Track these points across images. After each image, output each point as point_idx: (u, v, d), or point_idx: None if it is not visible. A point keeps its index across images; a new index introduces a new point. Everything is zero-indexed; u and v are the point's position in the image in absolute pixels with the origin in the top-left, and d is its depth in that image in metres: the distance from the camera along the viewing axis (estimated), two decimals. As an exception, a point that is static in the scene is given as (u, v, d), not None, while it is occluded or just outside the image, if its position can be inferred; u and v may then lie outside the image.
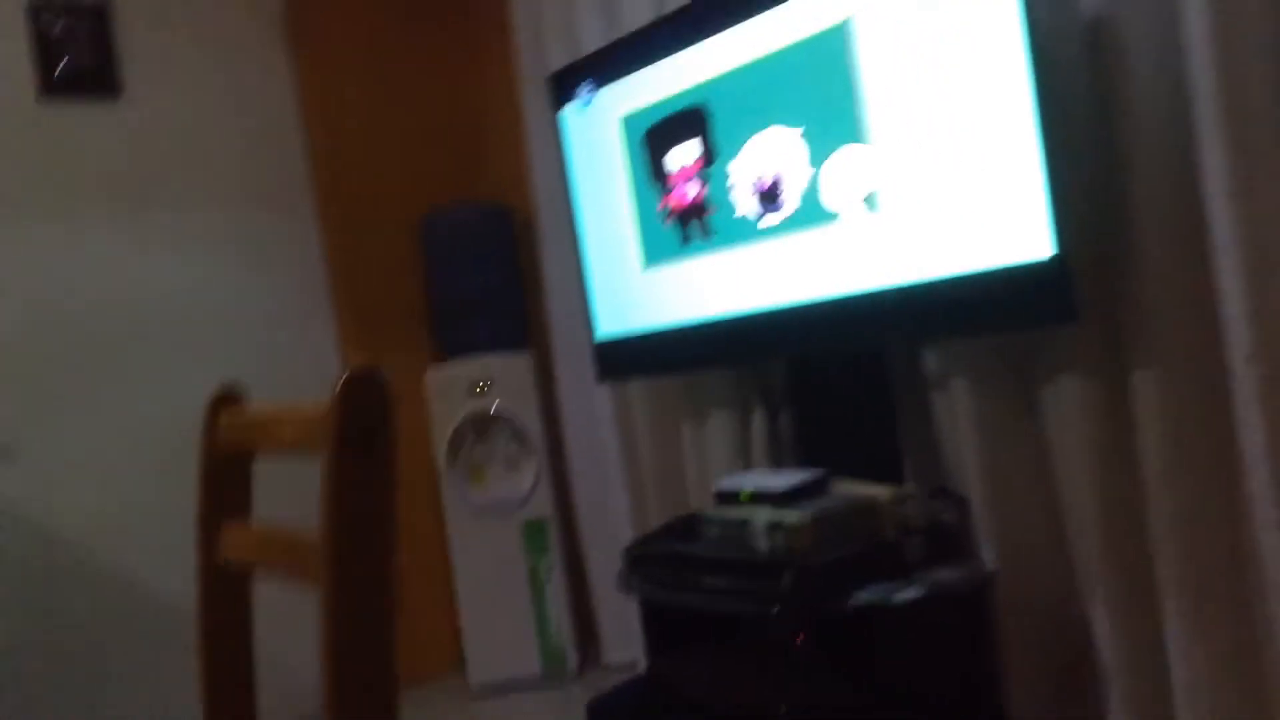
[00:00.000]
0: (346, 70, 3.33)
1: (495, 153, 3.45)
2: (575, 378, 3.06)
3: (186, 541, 2.91)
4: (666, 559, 2.14)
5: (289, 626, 1.83)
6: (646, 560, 2.19)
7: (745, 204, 2.24)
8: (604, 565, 2.98)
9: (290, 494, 1.49)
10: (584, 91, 2.57)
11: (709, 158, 2.29)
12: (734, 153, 2.24)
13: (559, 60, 2.84)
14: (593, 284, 2.67)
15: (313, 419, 0.93)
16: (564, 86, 2.65)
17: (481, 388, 3.12)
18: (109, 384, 2.88)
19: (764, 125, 2.17)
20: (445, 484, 3.14)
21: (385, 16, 3.42)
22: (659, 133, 2.41)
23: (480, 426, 3.14)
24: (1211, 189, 1.64)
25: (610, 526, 2.98)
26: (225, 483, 1.22)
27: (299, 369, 3.12)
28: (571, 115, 2.64)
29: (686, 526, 2.22)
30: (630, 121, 2.48)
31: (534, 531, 3.10)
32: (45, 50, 2.88)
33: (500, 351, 3.15)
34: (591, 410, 3.01)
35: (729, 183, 2.26)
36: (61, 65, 2.90)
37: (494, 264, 3.21)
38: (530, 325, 3.30)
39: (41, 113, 2.87)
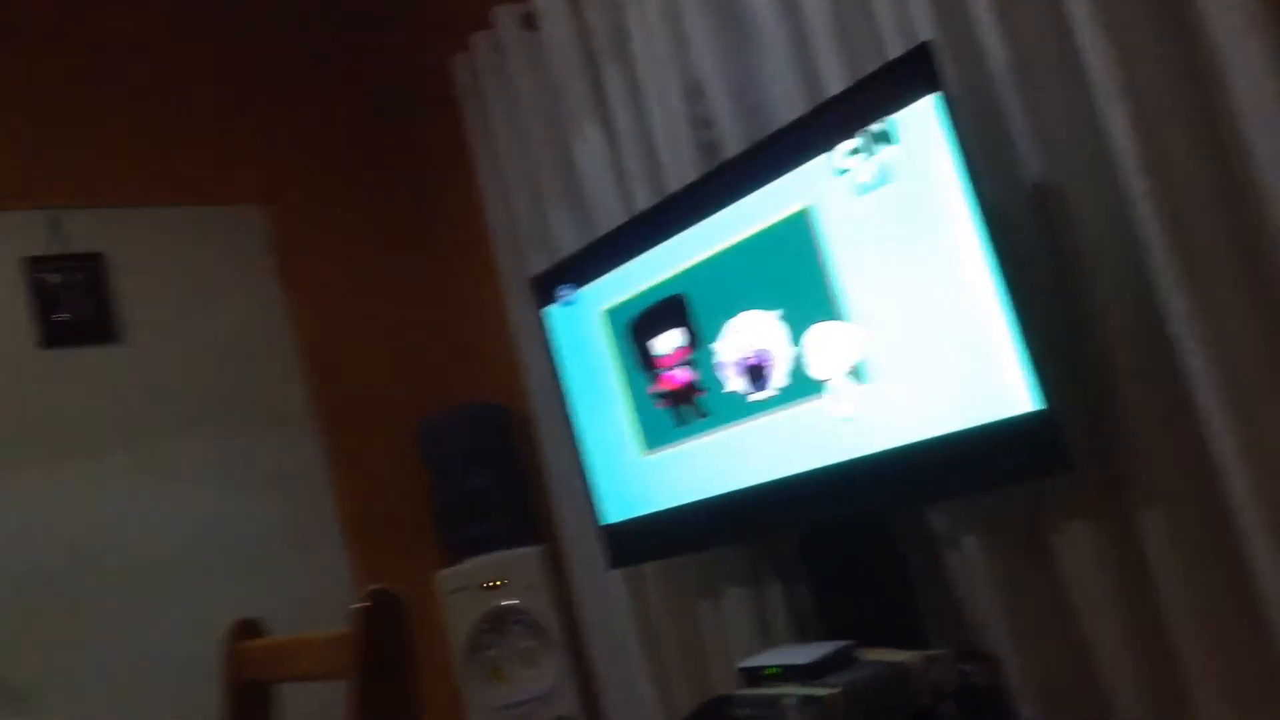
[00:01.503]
0: (335, 291, 3.46)
1: (486, 354, 3.53)
2: (586, 567, 3.05)
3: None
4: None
5: None
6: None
7: (734, 382, 2.29)
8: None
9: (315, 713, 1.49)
10: (565, 292, 2.66)
11: (693, 343, 2.36)
12: (716, 336, 2.31)
13: (539, 262, 2.95)
14: (593, 473, 2.70)
15: (331, 647, 0.96)
16: (545, 288, 2.75)
17: (493, 585, 3.11)
18: (123, 621, 2.88)
19: (741, 308, 2.25)
20: (465, 686, 3.09)
21: (368, 237, 3.57)
22: (642, 323, 2.49)
23: (496, 624, 3.12)
24: (1178, 331, 1.70)
25: (638, 715, 2.92)
26: (246, 711, 1.23)
27: (312, 586, 3.11)
28: (556, 313, 2.73)
29: (716, 710, 2.18)
30: (613, 314, 2.56)
31: (561, 729, 3.03)
32: (43, 300, 2.99)
33: (509, 547, 3.16)
34: (607, 598, 2.99)
35: (715, 362, 2.32)
36: (59, 314, 3.01)
37: (495, 462, 3.25)
38: (537, 519, 3.31)
39: (42, 361, 2.95)
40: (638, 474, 2.58)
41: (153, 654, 2.88)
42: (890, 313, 1.99)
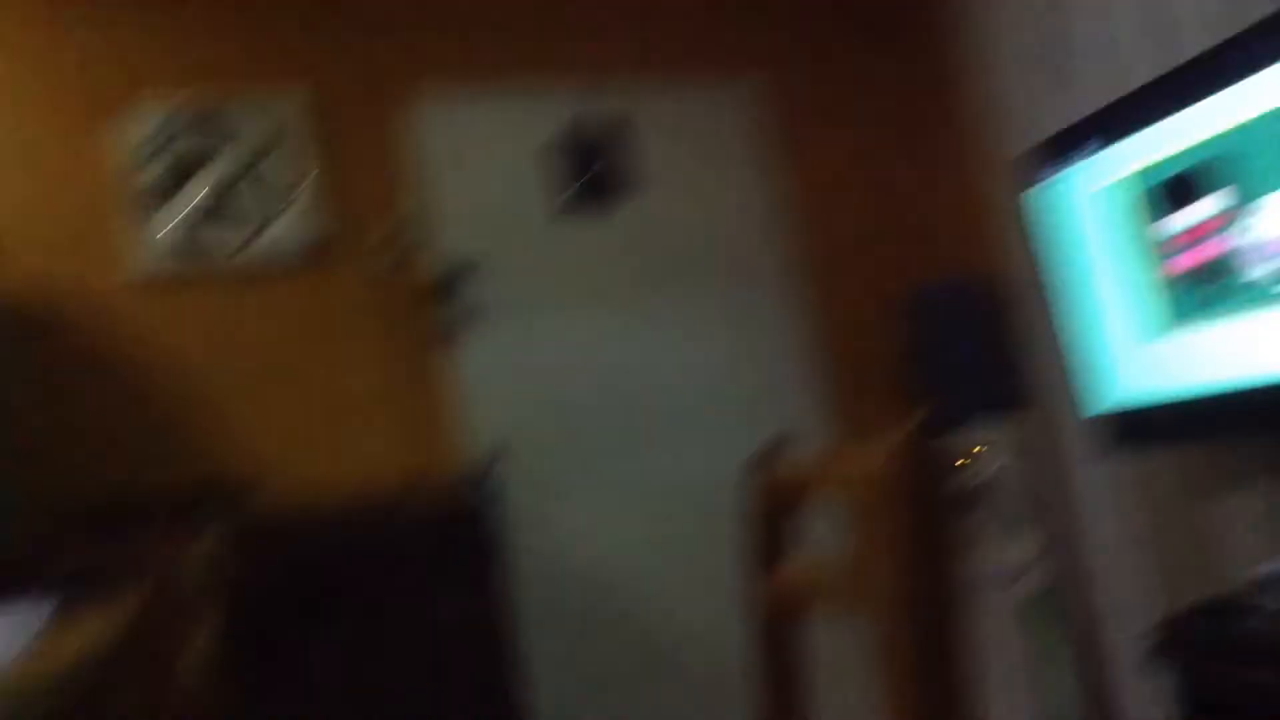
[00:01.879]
0: (829, 162, 3.53)
1: (975, 227, 3.43)
2: (1068, 447, 2.92)
3: (696, 586, 3.12)
4: (1211, 643, 1.97)
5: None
6: (1184, 643, 2.02)
7: (1268, 264, 2.04)
8: (1115, 645, 2.79)
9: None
10: (1076, 156, 2.50)
11: (1226, 217, 2.12)
12: (1255, 209, 2.05)
13: (1032, 135, 2.79)
14: (1086, 353, 2.55)
15: (865, 474, 0.99)
16: (1050, 155, 2.59)
17: (973, 458, 3.08)
18: (633, 447, 3.24)
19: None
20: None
21: (862, 110, 3.59)
22: (1164, 192, 2.28)
23: (974, 497, 3.10)
24: None
25: (1116, 604, 2.79)
26: (771, 531, 1.32)
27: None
28: (1055, 184, 2.57)
29: (1223, 607, 2.03)
30: (1128, 183, 2.36)
31: (1035, 607, 2.98)
32: (578, 158, 3.35)
33: (989, 420, 3.10)
34: (1088, 480, 2.85)
35: (1251, 240, 2.07)
36: (583, 176, 3.36)
37: (979, 334, 3.18)
38: (1018, 396, 3.21)
39: (578, 212, 3.32)
40: (1143, 356, 2.40)
41: (649, 483, 3.23)
42: None
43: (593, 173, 3.34)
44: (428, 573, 2.42)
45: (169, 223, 2.94)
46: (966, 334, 3.20)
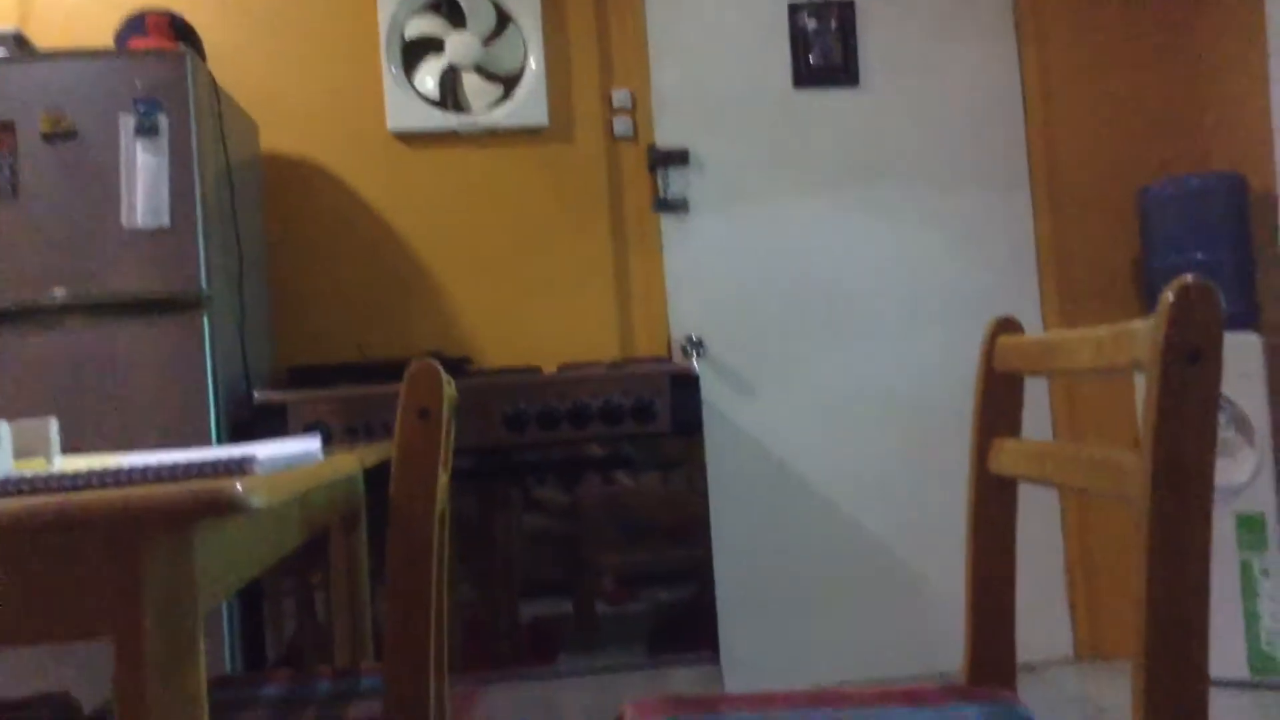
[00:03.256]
0: (1069, 48, 3.34)
1: (1229, 119, 3.21)
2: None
3: (893, 480, 3.16)
4: None
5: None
6: None
7: None
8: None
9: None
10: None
11: None
12: None
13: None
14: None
15: (1126, 338, 0.99)
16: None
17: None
18: (836, 339, 3.25)
19: None
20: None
21: (1114, -16, 3.37)
22: None
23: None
24: None
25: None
26: (1000, 399, 1.34)
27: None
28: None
29: None
30: None
31: (1249, 525, 2.86)
32: (799, 44, 3.31)
33: (1226, 330, 2.94)
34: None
35: None
36: (812, 56, 3.31)
37: (1220, 237, 3.00)
38: (1261, 304, 3.03)
39: (795, 99, 3.30)
40: None
41: (853, 372, 3.24)
42: None
43: (821, 57, 3.30)
44: (626, 444, 2.54)
45: (424, 82, 3.11)
46: (1205, 235, 3.03)
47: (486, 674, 2.50)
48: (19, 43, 2.61)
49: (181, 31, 2.70)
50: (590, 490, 2.54)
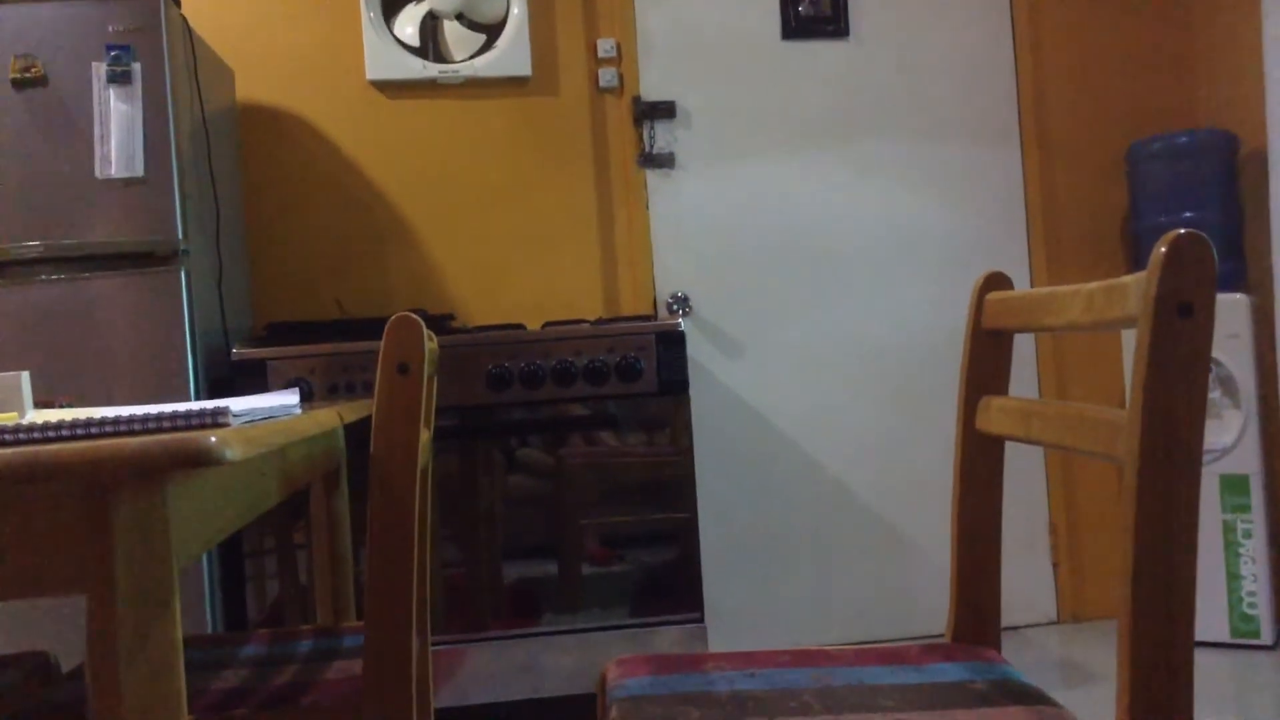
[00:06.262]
0: (1065, 2, 3.30)
1: (1219, 74, 3.18)
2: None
3: (879, 439, 3.15)
4: None
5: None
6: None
7: None
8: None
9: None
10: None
11: None
12: None
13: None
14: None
15: (1117, 292, 0.96)
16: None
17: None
18: (822, 296, 3.22)
19: None
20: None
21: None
22: None
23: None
24: None
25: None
26: (988, 357, 1.32)
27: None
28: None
29: None
30: None
31: (1233, 486, 2.87)
32: None
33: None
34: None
35: None
36: (801, 7, 3.26)
37: (1209, 196, 2.98)
38: (1249, 265, 3.02)
39: (783, 51, 3.25)
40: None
41: (840, 329, 3.22)
42: None
43: (810, 8, 3.24)
44: (614, 400, 2.51)
45: (403, 29, 3.05)
46: (1194, 194, 3.01)
47: (469, 634, 2.49)
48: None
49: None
50: (574, 450, 2.52)
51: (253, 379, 2.44)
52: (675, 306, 3.15)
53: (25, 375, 1.18)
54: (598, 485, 2.52)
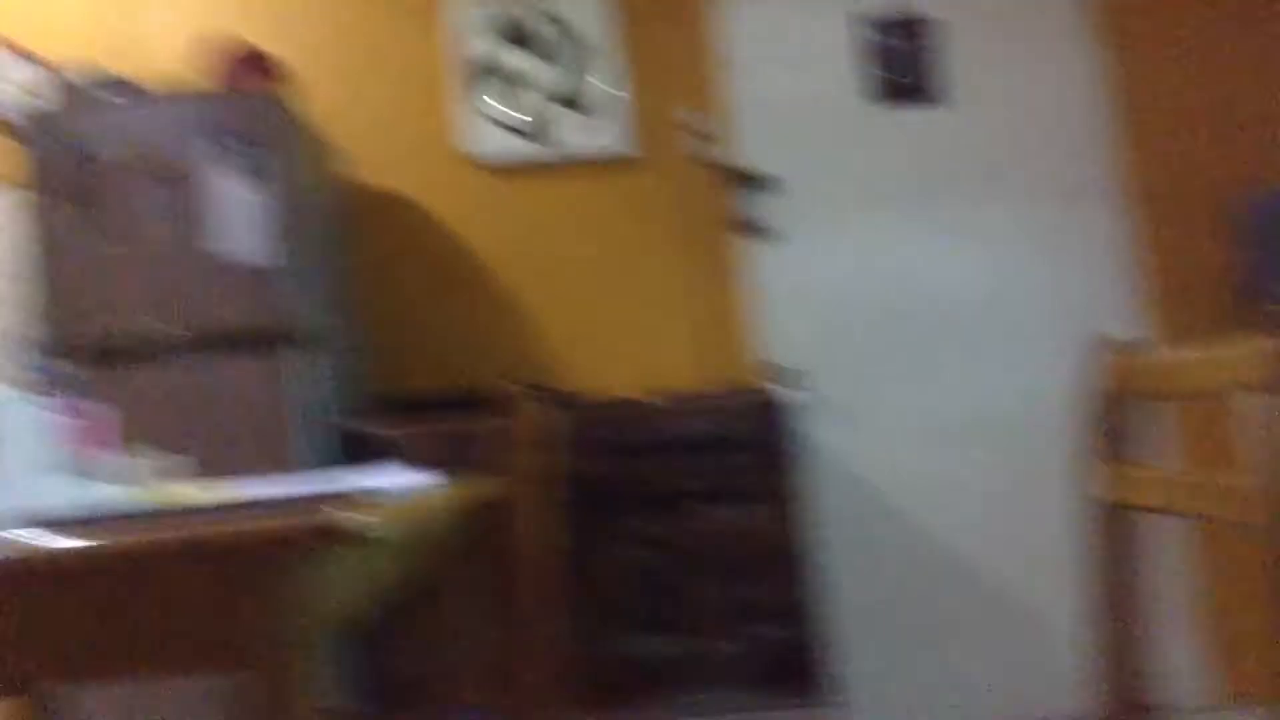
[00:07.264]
0: (1157, 58, 3.27)
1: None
2: None
3: (997, 507, 3.07)
4: None
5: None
6: None
7: None
8: None
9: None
10: None
11: None
12: None
13: None
14: None
15: (1245, 360, 0.94)
16: None
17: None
18: (930, 363, 3.19)
19: None
20: None
21: (1204, 8, 3.28)
22: None
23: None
24: None
25: None
26: (1118, 423, 1.29)
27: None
28: None
29: None
30: None
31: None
32: (878, 59, 3.27)
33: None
34: None
35: None
36: (892, 73, 3.27)
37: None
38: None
39: (875, 117, 3.26)
40: None
41: (950, 398, 3.17)
42: None
43: (900, 74, 3.26)
44: (724, 476, 2.51)
45: (497, 104, 3.16)
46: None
47: (585, 713, 2.49)
48: (122, 86, 2.71)
49: (273, 70, 2.78)
50: (692, 523, 2.52)
51: (378, 454, 2.51)
52: (786, 378, 3.15)
53: (185, 459, 1.24)
54: (715, 559, 2.51)
